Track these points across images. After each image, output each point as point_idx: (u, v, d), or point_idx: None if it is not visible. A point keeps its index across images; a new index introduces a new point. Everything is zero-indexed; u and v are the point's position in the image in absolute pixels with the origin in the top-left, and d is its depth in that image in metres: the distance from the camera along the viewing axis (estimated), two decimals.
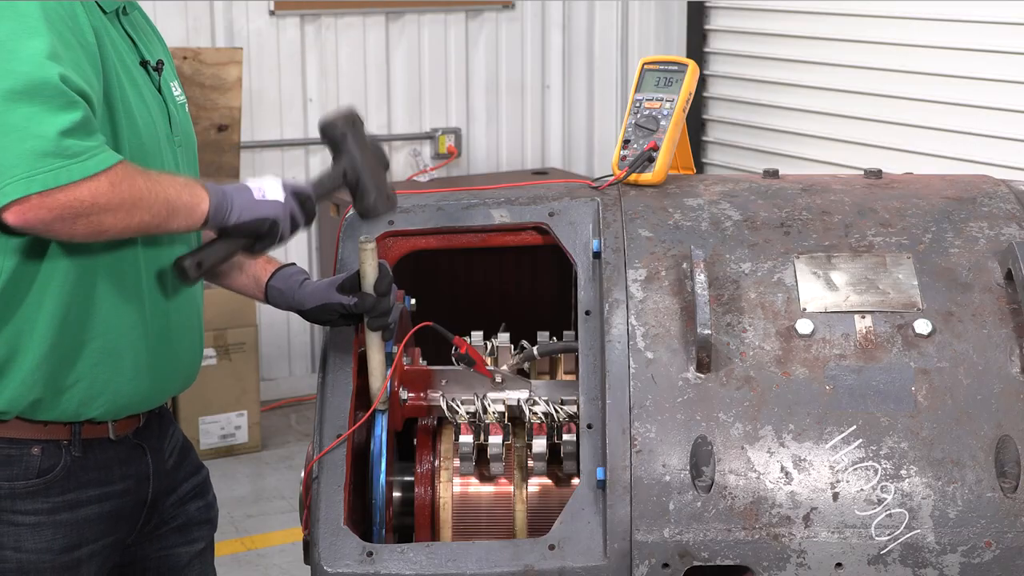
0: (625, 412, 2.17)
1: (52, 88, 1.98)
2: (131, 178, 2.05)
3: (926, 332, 2.22)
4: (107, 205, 2.02)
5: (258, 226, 2.19)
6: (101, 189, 2.01)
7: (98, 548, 2.35)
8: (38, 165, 1.96)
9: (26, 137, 1.96)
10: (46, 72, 1.99)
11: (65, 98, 1.99)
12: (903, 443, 2.14)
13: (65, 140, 1.97)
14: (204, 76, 5.49)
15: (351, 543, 2.19)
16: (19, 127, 1.96)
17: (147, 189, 2.07)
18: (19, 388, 2.21)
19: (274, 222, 2.20)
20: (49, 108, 1.97)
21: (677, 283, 2.28)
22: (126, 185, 2.04)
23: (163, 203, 2.10)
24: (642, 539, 2.12)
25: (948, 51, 5.26)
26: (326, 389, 2.35)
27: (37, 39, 2.02)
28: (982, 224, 2.38)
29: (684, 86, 2.53)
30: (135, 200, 2.06)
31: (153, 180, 2.10)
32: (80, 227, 2.03)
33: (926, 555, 2.11)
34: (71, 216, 2.00)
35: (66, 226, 2.02)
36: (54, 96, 1.98)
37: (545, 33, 6.96)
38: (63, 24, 2.07)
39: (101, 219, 2.03)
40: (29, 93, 1.97)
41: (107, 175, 2.01)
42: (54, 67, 2.00)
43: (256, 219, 2.19)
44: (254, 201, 2.19)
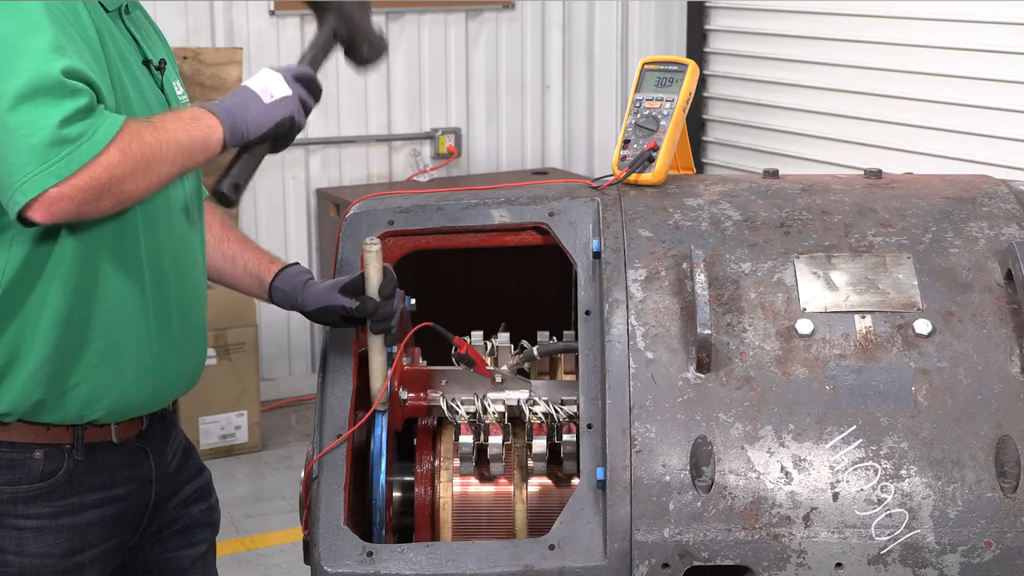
0: (625, 412, 2.17)
1: (53, 81, 1.98)
2: (139, 137, 2.04)
3: (926, 332, 2.22)
4: (123, 174, 2.02)
5: (277, 129, 2.20)
6: (114, 160, 2.00)
7: (100, 552, 2.34)
8: (47, 157, 1.95)
9: (30, 133, 1.96)
10: (49, 66, 1.98)
11: (67, 88, 1.99)
12: (903, 443, 2.14)
13: (66, 127, 1.96)
14: (204, 76, 5.49)
15: (351, 543, 2.19)
16: (24, 125, 1.96)
17: (157, 142, 2.06)
18: (21, 389, 2.21)
19: (292, 119, 2.21)
20: (50, 101, 1.97)
21: (677, 283, 2.28)
22: (136, 147, 2.03)
23: (176, 149, 2.09)
24: (642, 539, 2.12)
25: (948, 51, 5.26)
26: (326, 389, 2.35)
27: (40, 34, 2.01)
28: (982, 224, 2.38)
29: (684, 86, 2.52)
30: (149, 159, 2.05)
31: (160, 129, 2.09)
32: (107, 202, 2.03)
33: (926, 555, 2.11)
34: (94, 196, 2.00)
35: (93, 206, 2.02)
36: (55, 88, 1.98)
37: (545, 33, 6.96)
38: (67, 21, 2.07)
39: (123, 188, 2.03)
40: (32, 92, 1.96)
41: (115, 144, 2.00)
42: (58, 60, 2.00)
43: (274, 124, 2.19)
44: (265, 107, 2.19)
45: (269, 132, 2.20)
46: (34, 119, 1.96)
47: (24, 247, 2.16)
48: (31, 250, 2.17)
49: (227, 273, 2.57)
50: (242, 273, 2.53)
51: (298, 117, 2.23)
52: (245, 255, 2.56)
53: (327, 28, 2.28)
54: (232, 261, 2.56)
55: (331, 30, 2.28)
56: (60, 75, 1.98)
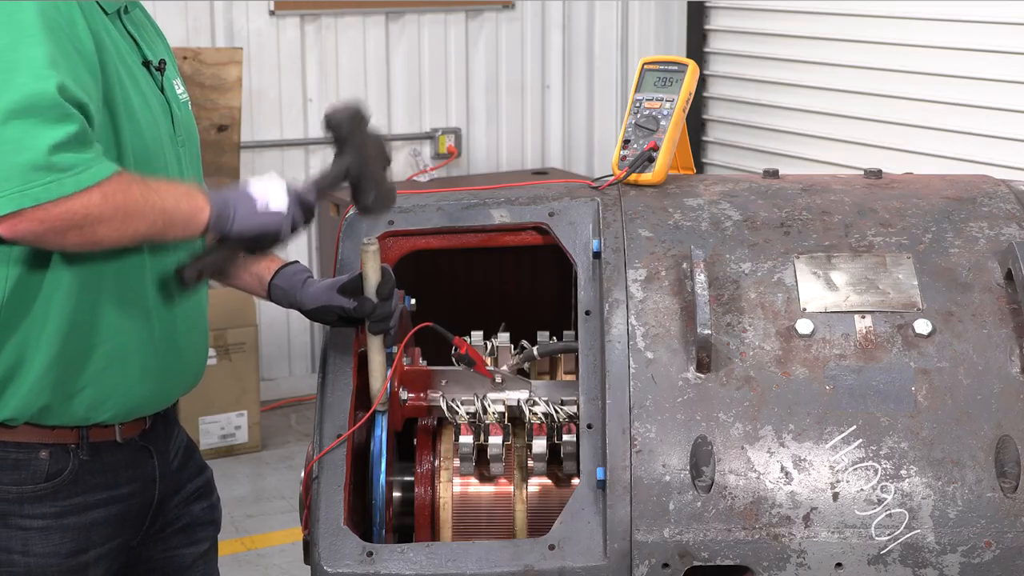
0: (625, 412, 2.17)
1: (48, 100, 1.97)
2: (126, 189, 2.04)
3: (926, 332, 2.22)
4: (99, 217, 2.02)
5: (259, 237, 2.19)
6: (94, 201, 2.00)
7: (105, 551, 2.35)
8: (31, 179, 1.95)
9: (19, 150, 1.95)
10: (44, 83, 1.98)
11: (60, 111, 1.98)
12: (903, 443, 2.14)
13: (57, 154, 1.96)
14: (204, 76, 5.49)
15: (351, 543, 2.19)
16: (13, 141, 1.95)
17: (143, 199, 2.07)
18: (27, 395, 2.21)
19: (276, 234, 2.20)
20: (43, 121, 1.96)
21: (677, 283, 2.28)
22: (120, 196, 2.03)
23: (159, 213, 2.09)
24: (642, 539, 2.11)
25: (948, 51, 5.26)
26: (326, 389, 2.35)
27: (36, 48, 2.01)
28: (982, 224, 2.38)
29: (684, 86, 2.52)
30: (129, 211, 2.05)
31: (151, 190, 2.09)
32: (72, 238, 2.03)
33: (926, 555, 2.11)
34: (63, 228, 2.00)
35: (57, 238, 2.02)
36: (49, 108, 1.97)
37: (545, 33, 6.96)
38: (61, 32, 2.06)
39: (94, 230, 2.03)
40: (26, 107, 1.96)
41: (101, 187, 2.01)
42: (52, 77, 1.99)
43: (257, 231, 2.18)
44: (256, 212, 2.17)
45: (250, 235, 2.18)
46: (23, 137, 1.95)
47: (26, 255, 2.16)
48: (34, 258, 2.17)
49: (231, 275, 2.56)
50: (242, 271, 2.52)
51: (283, 234, 2.21)
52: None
53: (341, 165, 2.28)
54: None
55: (345, 168, 2.28)
56: (56, 94, 1.98)
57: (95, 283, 2.21)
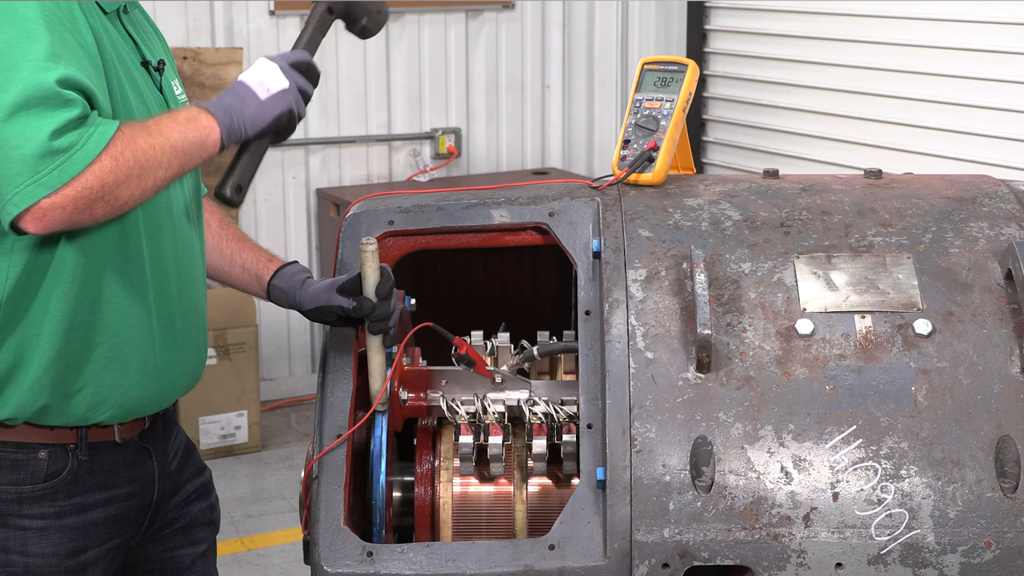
0: (625, 412, 2.16)
1: (46, 90, 1.97)
2: (132, 144, 2.03)
3: (926, 332, 2.22)
4: (116, 181, 2.01)
5: (276, 124, 2.18)
6: (106, 168, 1.99)
7: (104, 551, 2.35)
8: (38, 168, 1.95)
9: (22, 144, 1.95)
10: (44, 76, 1.98)
11: (59, 99, 1.98)
12: (903, 443, 2.13)
13: (57, 138, 1.96)
14: (204, 76, 5.48)
15: (351, 543, 2.19)
16: (15, 136, 1.95)
17: (151, 147, 2.05)
18: (26, 394, 2.21)
19: (291, 112, 2.18)
20: (43, 111, 1.96)
21: (677, 283, 2.28)
22: (129, 153, 2.02)
23: (171, 152, 2.07)
24: (642, 539, 2.11)
25: (948, 51, 5.25)
26: (326, 389, 2.34)
27: (36, 42, 2.01)
28: (982, 224, 2.38)
29: (684, 86, 2.52)
30: (143, 165, 2.04)
31: (155, 133, 2.07)
32: (100, 210, 2.02)
33: (926, 555, 2.11)
34: (86, 205, 1.99)
35: (86, 215, 2.01)
36: (48, 99, 1.97)
37: (545, 33, 6.96)
38: (63, 26, 2.06)
39: (116, 195, 2.02)
40: (26, 102, 1.96)
41: (107, 152, 2.00)
42: (52, 70, 1.99)
43: (272, 119, 2.17)
44: (262, 103, 2.16)
45: (268, 127, 2.17)
46: (26, 130, 1.95)
47: (25, 253, 2.16)
48: (33, 256, 2.16)
49: (225, 271, 2.57)
50: (240, 271, 2.53)
51: (297, 108, 2.20)
52: (244, 253, 2.56)
53: (322, 4, 2.25)
54: (230, 259, 2.56)
55: (327, 6, 2.24)
56: (54, 85, 1.98)
57: (94, 283, 2.21)
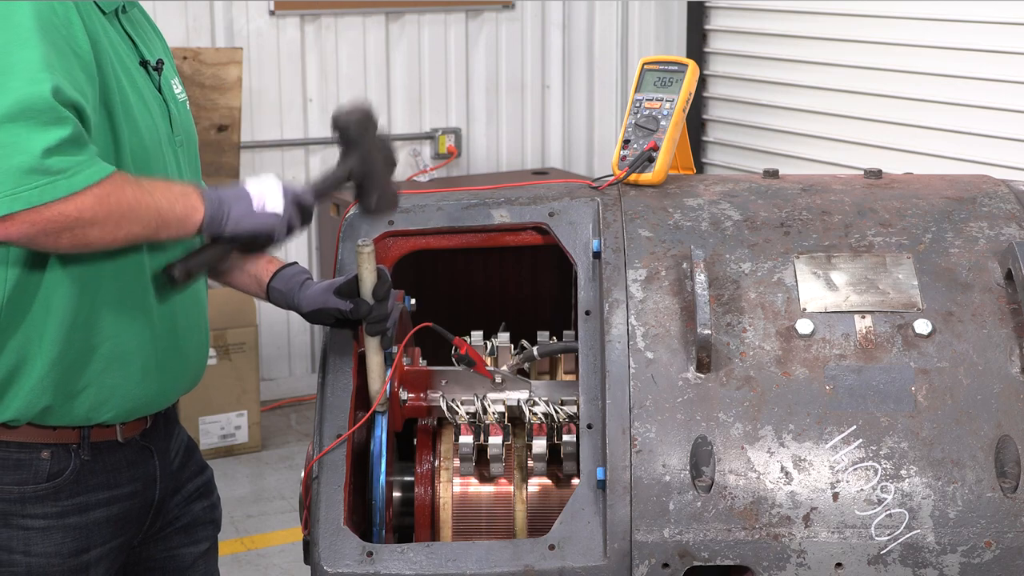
0: (625, 412, 2.16)
1: (42, 103, 1.97)
2: (120, 191, 2.04)
3: (926, 332, 2.22)
4: (92, 219, 2.01)
5: (251, 238, 2.18)
6: (87, 204, 2.00)
7: (106, 551, 2.35)
8: (23, 182, 1.95)
9: (13, 154, 1.95)
10: (39, 86, 1.98)
11: (54, 114, 1.98)
12: (903, 443, 2.13)
13: (50, 157, 1.96)
14: (204, 76, 5.48)
15: (351, 543, 2.19)
16: (7, 145, 1.95)
17: (136, 201, 2.06)
18: (29, 396, 2.21)
19: (271, 235, 2.19)
20: (37, 124, 1.96)
21: (677, 283, 2.28)
22: (114, 199, 2.03)
23: (153, 215, 2.08)
24: (642, 539, 2.11)
25: (948, 51, 5.25)
26: (326, 389, 2.34)
27: (31, 50, 2.01)
28: (982, 224, 2.38)
29: (684, 86, 2.52)
30: (122, 213, 2.05)
31: (144, 191, 2.08)
32: (64, 240, 2.03)
33: (926, 555, 2.10)
34: (55, 231, 2.00)
35: (50, 240, 2.02)
36: (43, 111, 1.97)
37: (545, 33, 6.95)
38: (57, 33, 2.05)
39: (86, 232, 2.03)
40: (20, 110, 1.96)
41: (94, 190, 2.00)
42: (47, 80, 1.99)
43: (251, 232, 2.17)
44: (252, 213, 2.17)
45: (243, 236, 2.18)
46: (17, 141, 1.95)
47: (26, 256, 2.16)
48: (33, 259, 2.16)
49: (225, 272, 2.54)
50: (240, 272, 2.52)
51: (278, 234, 2.20)
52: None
53: (344, 168, 2.27)
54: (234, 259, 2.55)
55: (348, 171, 2.27)
56: (50, 97, 1.98)
57: (94, 284, 2.21)
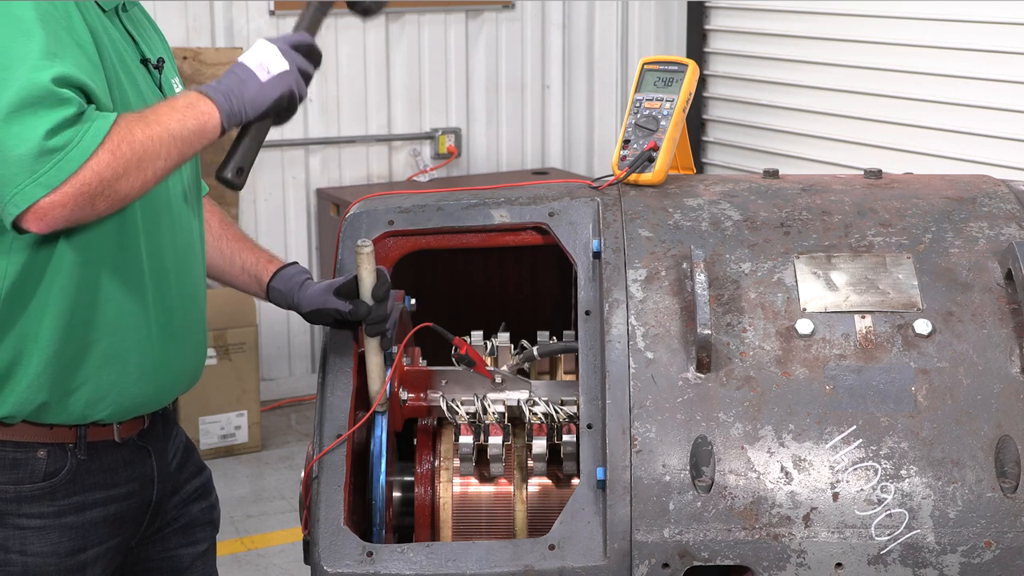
0: (625, 412, 2.16)
1: (42, 89, 1.97)
2: (129, 136, 2.03)
3: (926, 332, 2.21)
4: (114, 175, 2.00)
5: (277, 106, 2.17)
6: (103, 163, 1.99)
7: (103, 551, 2.34)
8: (36, 168, 1.95)
9: (18, 144, 1.95)
10: (39, 75, 1.98)
11: (55, 97, 1.98)
12: (903, 443, 2.13)
13: (52, 137, 1.96)
14: (204, 76, 5.48)
15: (351, 543, 2.19)
16: (11, 136, 1.95)
17: (149, 138, 2.04)
18: (25, 392, 2.20)
19: (292, 93, 2.17)
20: (39, 110, 1.96)
21: (677, 283, 2.27)
22: (126, 146, 2.02)
23: (170, 141, 2.07)
24: (642, 539, 2.11)
25: (948, 51, 5.25)
26: (326, 389, 2.34)
27: (32, 40, 2.01)
28: (982, 224, 2.37)
29: (684, 86, 2.52)
30: (141, 156, 2.03)
31: (152, 123, 2.06)
32: (101, 204, 2.02)
33: (926, 555, 2.10)
34: (87, 201, 1.99)
35: (88, 211, 2.01)
36: (44, 98, 1.97)
37: (545, 33, 6.95)
38: (58, 24, 2.06)
39: (116, 189, 2.02)
40: (21, 102, 1.96)
41: (104, 147, 1.99)
42: (48, 68, 1.99)
43: (272, 102, 2.16)
44: (263, 85, 2.15)
45: (269, 109, 2.16)
46: (22, 130, 1.95)
47: (24, 252, 2.16)
48: (31, 254, 2.16)
49: (225, 271, 2.57)
50: (240, 272, 2.53)
51: (298, 89, 2.19)
52: (243, 254, 2.55)
53: None
54: (230, 259, 2.55)
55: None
56: (49, 84, 1.98)
57: (92, 280, 2.21)
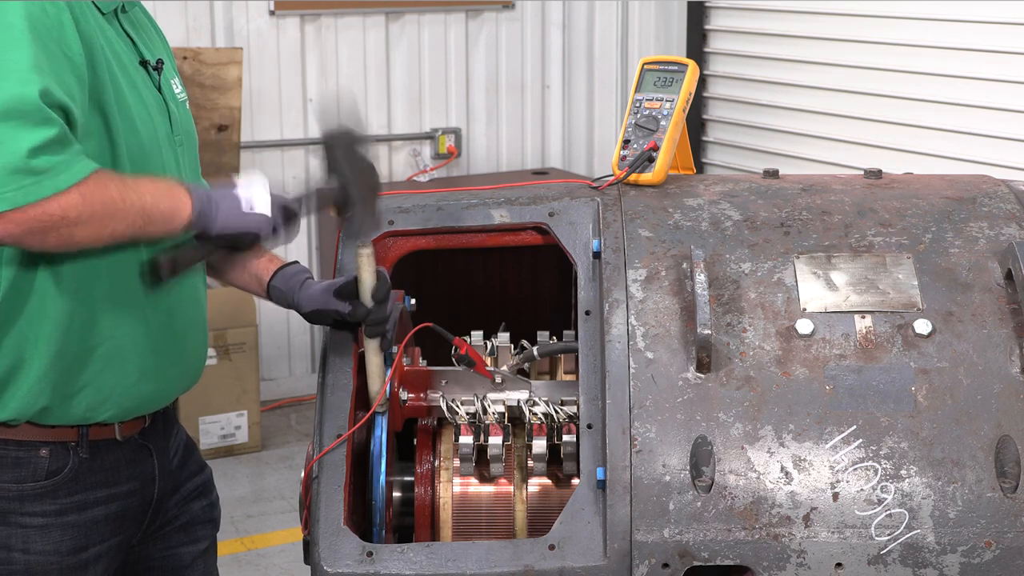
0: (625, 412, 2.16)
1: (30, 104, 1.97)
2: (104, 189, 2.04)
3: (926, 332, 2.21)
4: (78, 218, 2.01)
5: (238, 238, 2.18)
6: (71, 202, 2.00)
7: (105, 549, 2.35)
8: (8, 182, 1.95)
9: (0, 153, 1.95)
10: (27, 88, 1.98)
11: (41, 114, 1.98)
12: (903, 443, 2.13)
13: (35, 157, 1.96)
14: (204, 76, 5.48)
15: (351, 543, 2.19)
16: None
17: (121, 199, 2.06)
18: (27, 396, 2.21)
19: (256, 236, 2.18)
20: (24, 125, 1.96)
21: (677, 283, 2.27)
22: (98, 197, 2.03)
23: (138, 212, 2.08)
24: (642, 539, 2.11)
25: (948, 51, 5.25)
26: (326, 389, 2.34)
27: (21, 51, 2.00)
28: (982, 224, 2.37)
29: (684, 86, 2.52)
30: (107, 211, 2.04)
31: (129, 189, 2.08)
32: (51, 240, 2.02)
33: (926, 555, 2.10)
34: (40, 230, 2.00)
35: (36, 239, 2.01)
36: (31, 112, 1.97)
37: (545, 33, 6.95)
38: (48, 35, 2.05)
39: (72, 232, 2.02)
40: (7, 111, 1.96)
41: (79, 188, 2.00)
42: (36, 81, 1.99)
43: (239, 232, 2.17)
44: (239, 213, 2.16)
45: (231, 236, 2.17)
46: (3, 141, 1.95)
47: (20, 256, 2.15)
48: (27, 258, 2.16)
49: (225, 271, 2.54)
50: (240, 271, 2.51)
51: (264, 235, 2.19)
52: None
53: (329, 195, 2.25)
54: (230, 258, 2.54)
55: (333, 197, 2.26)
56: (37, 99, 1.97)
57: (90, 283, 2.21)
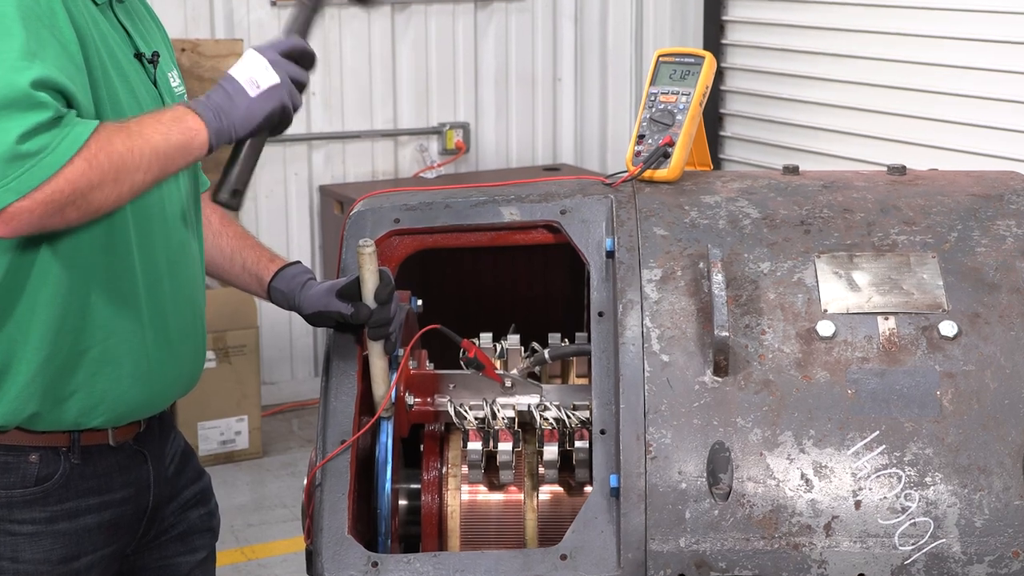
0: (640, 417, 2.15)
1: (18, 91, 1.94)
2: (108, 146, 1.99)
3: (952, 334, 2.20)
4: (88, 185, 1.97)
5: (267, 123, 2.13)
6: (78, 172, 1.96)
7: (97, 558, 2.33)
8: (6, 173, 1.92)
9: None
10: (16, 76, 1.95)
11: (30, 100, 1.95)
12: (928, 449, 2.12)
13: (25, 142, 1.93)
14: (203, 68, 5.47)
15: (355, 553, 2.18)
16: None
17: (128, 150, 2.01)
18: (14, 402, 2.19)
19: (283, 108, 2.14)
20: (12, 114, 1.93)
21: (693, 283, 2.26)
22: (103, 156, 1.98)
23: (152, 156, 2.03)
24: (657, 549, 2.10)
25: (974, 43, 5.26)
26: (329, 393, 2.33)
27: (11, 39, 1.98)
28: (1010, 222, 2.36)
29: (701, 79, 2.51)
30: (119, 168, 2.00)
31: (134, 135, 2.03)
32: (72, 214, 1.99)
33: (952, 565, 2.08)
34: (56, 210, 1.96)
35: (56, 219, 1.98)
36: (19, 101, 1.94)
37: (557, 24, 6.95)
38: (39, 21, 2.03)
39: (89, 199, 1.99)
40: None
41: (81, 155, 1.96)
42: (27, 70, 1.96)
43: (263, 118, 2.12)
44: (252, 101, 2.11)
45: (259, 126, 2.13)
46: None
47: (8, 255, 2.13)
48: (16, 258, 2.14)
49: (225, 270, 2.56)
50: (240, 271, 2.52)
51: (291, 102, 2.16)
52: (244, 252, 2.54)
53: None
54: (231, 258, 2.54)
55: None
56: (27, 87, 1.95)
57: (83, 284, 2.18)
